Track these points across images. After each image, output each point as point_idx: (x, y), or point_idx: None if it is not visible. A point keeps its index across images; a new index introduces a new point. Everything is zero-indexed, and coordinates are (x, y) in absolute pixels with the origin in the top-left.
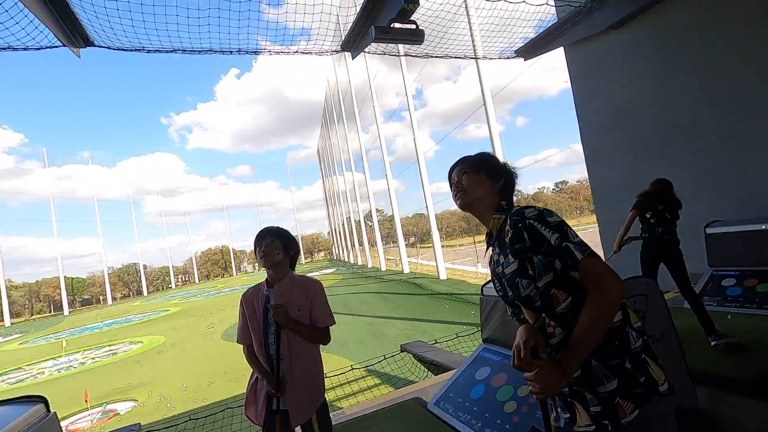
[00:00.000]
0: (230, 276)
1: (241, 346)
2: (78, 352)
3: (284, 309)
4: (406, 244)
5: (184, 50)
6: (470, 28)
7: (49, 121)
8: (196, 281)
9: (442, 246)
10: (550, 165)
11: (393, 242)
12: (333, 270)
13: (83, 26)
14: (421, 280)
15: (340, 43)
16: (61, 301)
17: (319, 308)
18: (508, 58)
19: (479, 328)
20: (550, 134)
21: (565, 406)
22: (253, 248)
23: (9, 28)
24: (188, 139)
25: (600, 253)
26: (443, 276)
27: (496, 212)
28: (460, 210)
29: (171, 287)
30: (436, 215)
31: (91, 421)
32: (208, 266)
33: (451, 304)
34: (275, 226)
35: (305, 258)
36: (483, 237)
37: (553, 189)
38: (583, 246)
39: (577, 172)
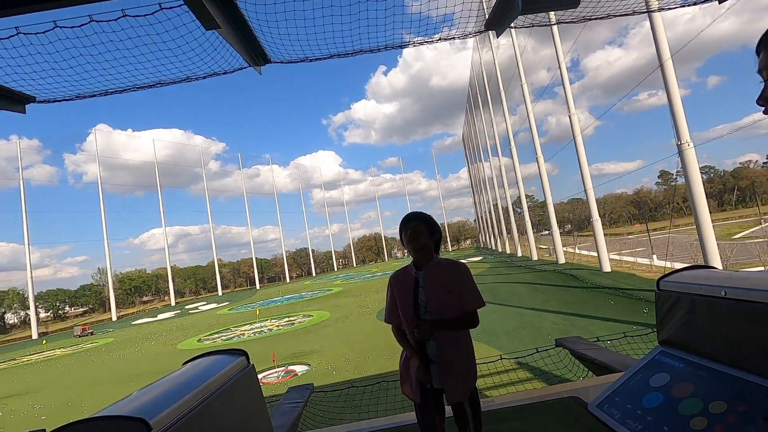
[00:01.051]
0: (382, 261)
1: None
2: (266, 320)
3: (428, 324)
4: (560, 232)
5: (339, 54)
6: None
7: (242, 131)
8: (354, 265)
9: (605, 234)
10: (761, 133)
11: (545, 230)
12: (480, 258)
13: (262, 46)
14: (578, 271)
15: (484, 22)
16: (254, 278)
17: (468, 290)
18: (695, 3)
19: (654, 329)
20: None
21: None
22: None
23: (213, 58)
24: (344, 136)
25: None
26: (606, 268)
27: None
28: (628, 193)
29: (333, 270)
30: (597, 199)
31: (277, 377)
32: (363, 251)
33: (616, 299)
34: (419, 211)
35: (451, 246)
36: (659, 224)
37: (766, 163)
38: None
39: None
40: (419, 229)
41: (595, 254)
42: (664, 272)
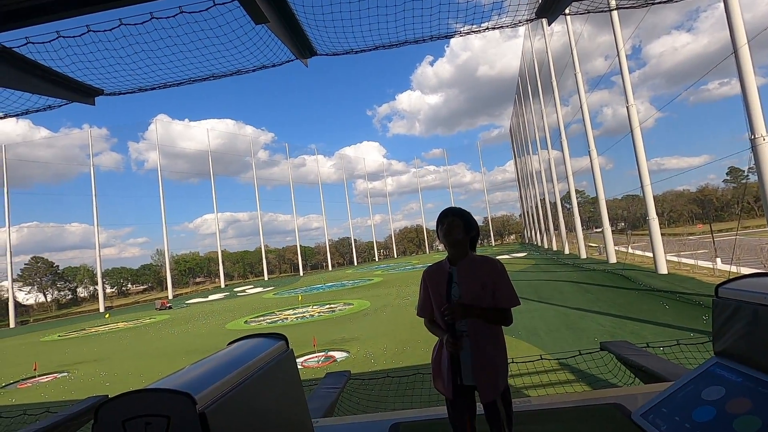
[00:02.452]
0: (423, 253)
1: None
2: (309, 306)
3: (459, 305)
4: (613, 230)
5: (384, 46)
6: None
7: (290, 121)
8: (395, 256)
9: (663, 234)
10: None
11: (595, 227)
12: (524, 254)
13: (309, 39)
14: (631, 272)
15: (535, 9)
16: (298, 265)
17: (503, 288)
18: None
19: (711, 338)
20: None
21: None
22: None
23: (262, 51)
24: (388, 127)
25: None
26: (662, 270)
27: None
28: (691, 191)
29: (375, 259)
30: (656, 196)
31: (318, 362)
32: (404, 243)
33: (672, 304)
34: (457, 207)
35: (495, 240)
36: (725, 225)
37: None
38: None
39: None
40: (455, 224)
41: (650, 254)
42: (728, 277)
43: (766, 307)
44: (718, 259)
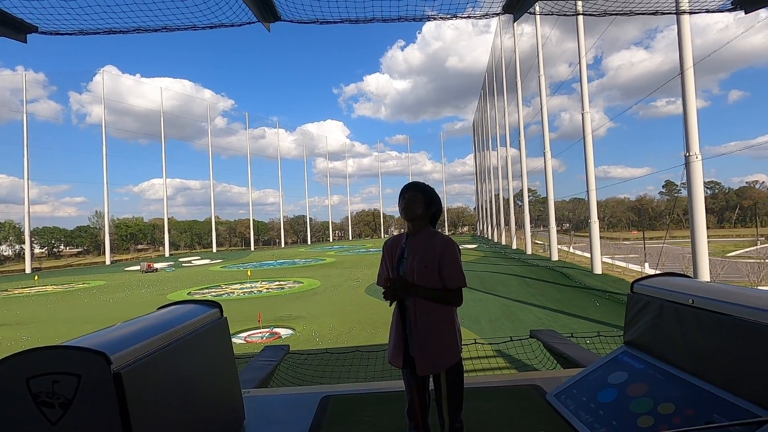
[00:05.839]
0: (378, 237)
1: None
2: (258, 281)
3: (402, 282)
4: (558, 230)
5: (350, 20)
6: None
7: (252, 90)
8: (350, 238)
9: (602, 237)
10: None
11: (543, 226)
12: (475, 246)
13: (273, 2)
14: (570, 270)
15: (503, 4)
16: (250, 239)
17: (448, 267)
18: (719, 11)
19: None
20: None
21: None
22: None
23: (221, 8)
24: (354, 108)
25: None
26: (598, 270)
27: None
28: (631, 199)
29: (329, 240)
30: (599, 202)
31: (261, 338)
32: (360, 226)
33: (602, 302)
34: (421, 182)
35: (449, 231)
36: (656, 234)
37: None
38: None
39: None
40: (416, 199)
41: (589, 255)
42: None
43: (669, 302)
44: (647, 264)
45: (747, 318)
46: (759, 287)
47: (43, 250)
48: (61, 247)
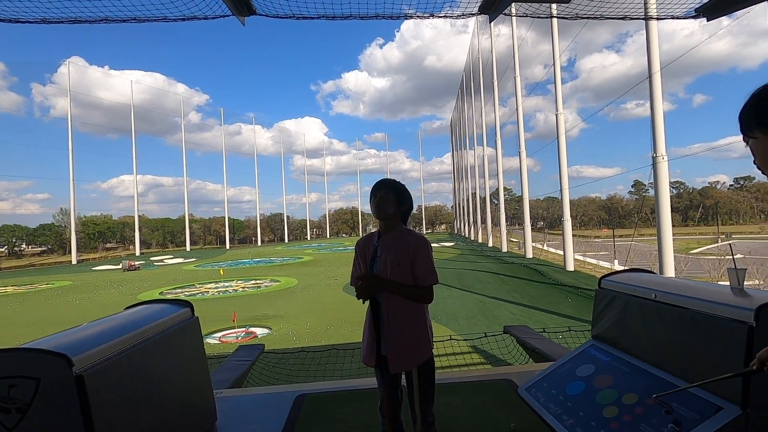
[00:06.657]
0: (357, 235)
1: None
2: (233, 280)
3: (375, 279)
4: (532, 228)
5: (327, 16)
6: None
7: (227, 86)
8: (327, 236)
9: (574, 235)
10: (732, 156)
11: (518, 224)
12: (452, 244)
13: None
14: (544, 267)
15: (478, 4)
16: (225, 237)
17: (421, 265)
18: (684, 17)
19: None
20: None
21: None
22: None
23: (194, 0)
24: (332, 105)
25: None
26: (570, 267)
27: None
28: (602, 198)
29: (307, 238)
30: (572, 201)
31: (237, 338)
32: (338, 224)
33: (574, 298)
34: (392, 179)
35: (426, 229)
36: (625, 232)
37: (732, 185)
38: None
39: None
40: (387, 199)
41: (562, 253)
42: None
43: (634, 297)
44: (616, 261)
45: (703, 311)
46: (719, 282)
47: (3, 249)
48: (23, 246)
